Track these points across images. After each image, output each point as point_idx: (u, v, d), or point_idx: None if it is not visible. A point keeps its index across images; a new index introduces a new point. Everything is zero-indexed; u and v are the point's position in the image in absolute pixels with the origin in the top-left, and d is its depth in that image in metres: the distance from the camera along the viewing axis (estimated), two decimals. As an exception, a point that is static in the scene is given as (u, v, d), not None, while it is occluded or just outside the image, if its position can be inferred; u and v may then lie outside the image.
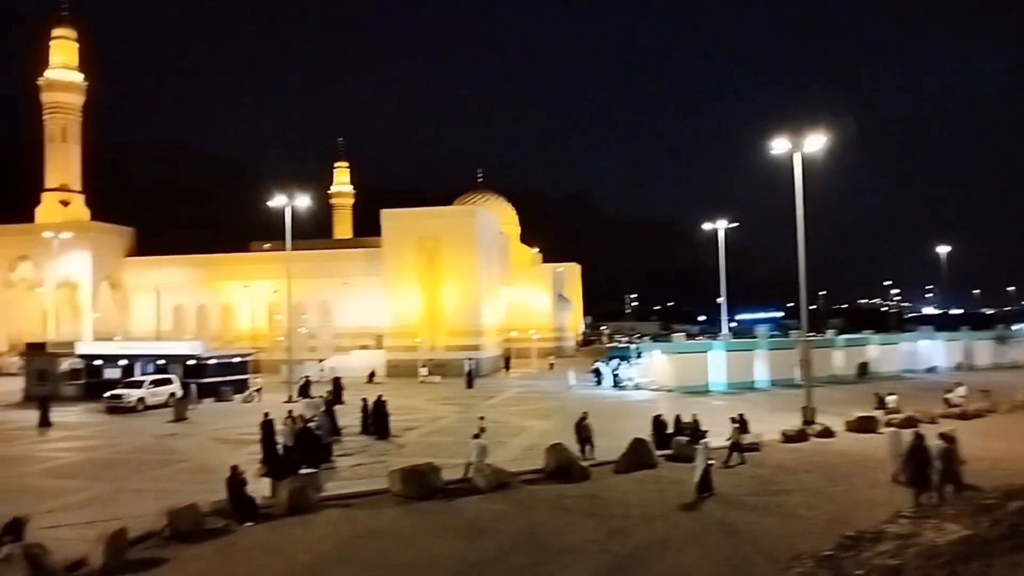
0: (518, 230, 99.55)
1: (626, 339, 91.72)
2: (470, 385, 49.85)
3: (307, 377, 46.29)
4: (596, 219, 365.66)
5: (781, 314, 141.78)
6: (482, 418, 27.22)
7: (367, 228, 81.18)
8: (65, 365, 46.85)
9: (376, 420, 30.00)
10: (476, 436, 21.38)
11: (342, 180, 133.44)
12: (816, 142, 31.63)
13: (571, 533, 16.25)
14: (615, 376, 48.32)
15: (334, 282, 68.44)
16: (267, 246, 74.91)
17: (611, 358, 52.23)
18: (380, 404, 30.60)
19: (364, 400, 31.56)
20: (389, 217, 65.22)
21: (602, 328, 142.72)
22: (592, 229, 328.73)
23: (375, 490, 19.87)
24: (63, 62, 79.65)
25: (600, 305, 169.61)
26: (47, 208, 78.20)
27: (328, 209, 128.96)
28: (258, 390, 44.53)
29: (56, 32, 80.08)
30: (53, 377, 45.80)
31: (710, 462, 19.41)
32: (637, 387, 46.60)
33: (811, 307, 42.85)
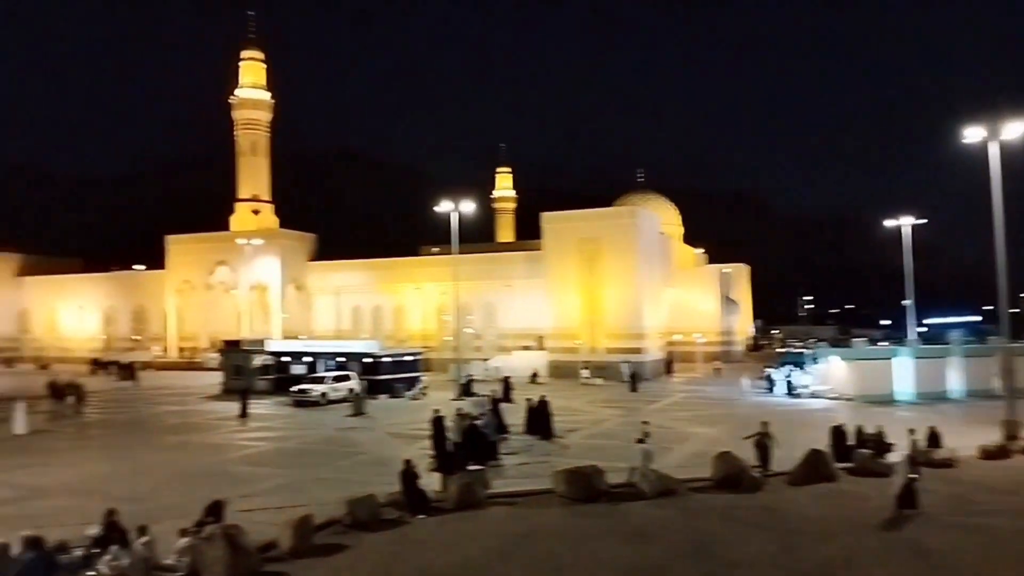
0: (681, 230, 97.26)
1: (800, 344, 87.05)
2: (634, 388, 49.23)
3: (470, 376, 47.62)
4: (766, 217, 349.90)
5: (978, 318, 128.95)
6: (646, 423, 26.78)
7: (528, 231, 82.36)
8: (257, 361, 51.00)
9: (539, 420, 30.32)
10: (640, 441, 21.05)
11: (504, 185, 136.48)
12: (1016, 129, 28.57)
13: (742, 545, 15.60)
14: (788, 383, 46.02)
15: (497, 284, 69.98)
16: (435, 250, 77.97)
17: (784, 364, 49.71)
18: (543, 404, 30.91)
19: (528, 400, 32.02)
20: (549, 220, 65.85)
21: (773, 332, 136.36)
22: (761, 228, 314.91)
23: (540, 490, 20.06)
24: (252, 82, 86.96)
25: (771, 308, 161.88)
26: (240, 217, 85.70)
27: (491, 213, 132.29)
28: (424, 388, 46.36)
29: (245, 54, 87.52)
30: (247, 372, 49.99)
31: (912, 476, 17.96)
32: (813, 395, 44.12)
33: (1013, 310, 38.74)
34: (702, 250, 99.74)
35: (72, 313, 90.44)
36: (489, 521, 17.66)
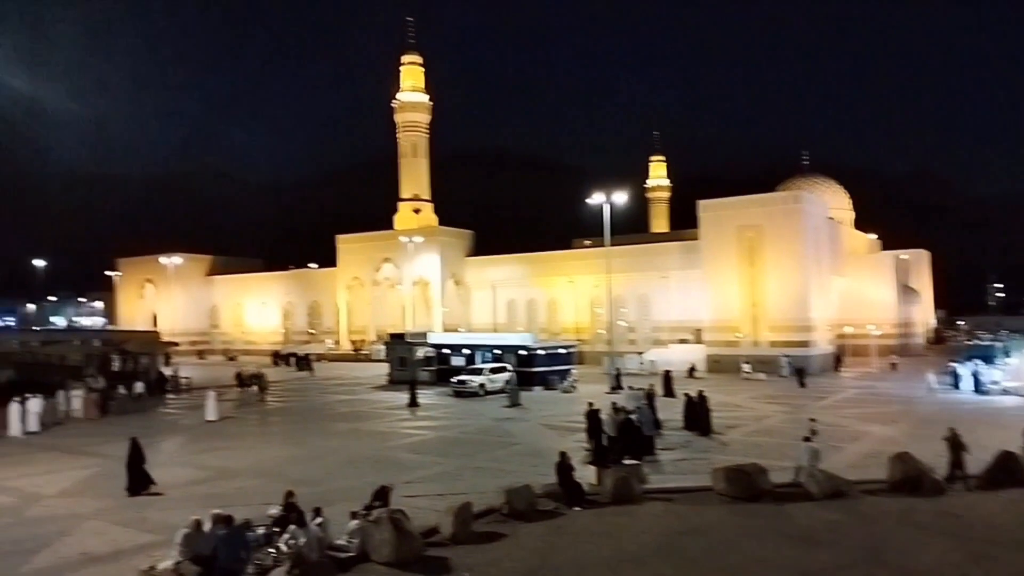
0: (851, 214, 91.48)
1: (990, 336, 79.48)
2: (801, 384, 46.86)
3: (618, 369, 47.26)
4: (948, 198, 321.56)
5: None
6: (813, 420, 25.45)
7: (684, 220, 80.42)
8: (420, 353, 53.18)
9: (698, 415, 29.58)
10: (807, 439, 20.03)
11: (658, 174, 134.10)
12: None
13: (921, 553, 14.45)
14: (976, 379, 42.14)
15: (652, 276, 68.88)
16: (587, 243, 77.97)
17: (971, 357, 45.58)
18: (702, 399, 30.13)
19: (687, 395, 31.34)
20: (706, 208, 63.94)
21: (958, 323, 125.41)
22: (944, 211, 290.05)
23: (698, 487, 19.57)
24: (412, 85, 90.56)
25: (956, 297, 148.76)
26: (403, 216, 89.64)
27: (645, 204, 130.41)
28: (574, 381, 46.46)
29: (405, 59, 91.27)
30: (411, 363, 52.25)
31: None
32: (1004, 392, 40.17)
33: None
34: (875, 236, 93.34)
35: (255, 309, 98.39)
36: (645, 516, 17.43)
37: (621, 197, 47.25)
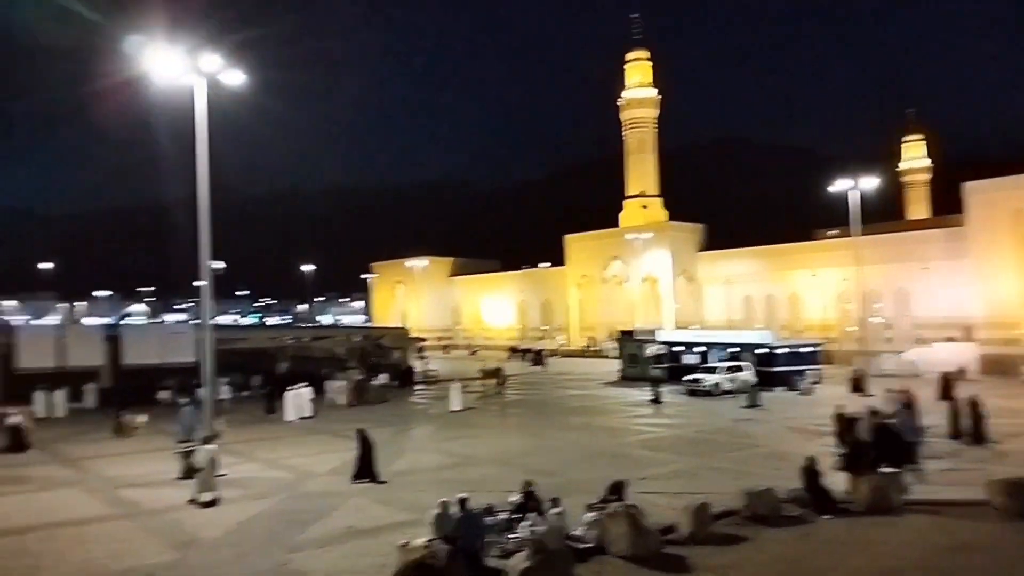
0: None
1: None
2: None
3: (859, 369, 43.36)
4: None
5: None
6: (1120, 429, 21.66)
7: (947, 205, 72.33)
8: (651, 350, 52.61)
9: (969, 422, 26.36)
10: (1113, 451, 17.05)
11: (913, 155, 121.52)
12: None
13: None
14: None
15: (910, 267, 62.64)
16: (832, 233, 72.70)
17: None
18: (974, 404, 26.79)
19: (953, 399, 28.08)
20: (974, 190, 56.87)
21: None
22: None
23: (971, 500, 17.41)
24: (639, 81, 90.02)
25: None
26: (629, 213, 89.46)
27: (899, 188, 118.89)
28: (813, 382, 43.26)
29: (631, 56, 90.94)
30: (641, 361, 51.87)
31: None
32: None
33: None
34: None
35: (492, 307, 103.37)
36: (906, 529, 15.80)
37: (870, 182, 43.51)
